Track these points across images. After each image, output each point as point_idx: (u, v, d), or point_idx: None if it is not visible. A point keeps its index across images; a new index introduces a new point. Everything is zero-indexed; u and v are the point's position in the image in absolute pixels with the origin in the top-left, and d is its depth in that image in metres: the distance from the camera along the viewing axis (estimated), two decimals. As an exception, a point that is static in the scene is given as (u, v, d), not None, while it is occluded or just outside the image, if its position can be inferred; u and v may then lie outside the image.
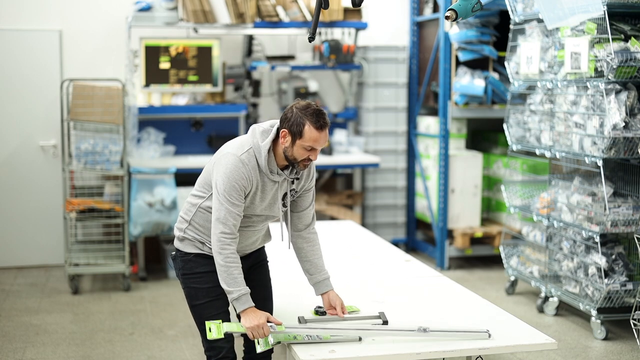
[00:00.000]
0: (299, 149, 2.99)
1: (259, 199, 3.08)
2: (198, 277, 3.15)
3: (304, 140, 2.97)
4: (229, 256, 2.98)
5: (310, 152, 3.00)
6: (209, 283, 3.12)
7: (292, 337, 2.98)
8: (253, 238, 3.22)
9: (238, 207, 3.00)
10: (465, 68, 6.52)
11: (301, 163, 3.03)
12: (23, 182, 6.62)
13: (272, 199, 3.11)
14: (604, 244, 4.89)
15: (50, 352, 4.62)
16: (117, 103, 5.93)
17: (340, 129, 7.19)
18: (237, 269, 2.99)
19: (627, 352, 4.63)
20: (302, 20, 6.59)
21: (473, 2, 3.09)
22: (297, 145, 2.98)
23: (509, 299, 5.74)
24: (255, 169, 3.02)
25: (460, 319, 3.35)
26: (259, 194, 3.07)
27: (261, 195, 3.07)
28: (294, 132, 2.97)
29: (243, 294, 2.97)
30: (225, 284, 2.98)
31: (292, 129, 2.97)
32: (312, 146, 2.98)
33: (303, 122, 2.96)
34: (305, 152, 3.00)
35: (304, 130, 2.96)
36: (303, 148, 2.99)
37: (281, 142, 3.01)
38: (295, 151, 3.00)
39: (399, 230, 7.34)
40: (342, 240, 5.02)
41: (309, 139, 2.97)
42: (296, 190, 3.20)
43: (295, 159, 3.01)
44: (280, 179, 3.08)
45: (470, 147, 7.24)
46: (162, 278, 6.31)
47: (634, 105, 4.68)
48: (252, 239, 3.22)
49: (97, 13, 6.73)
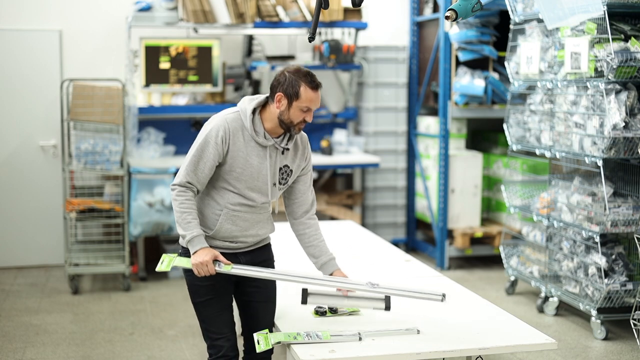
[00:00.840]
0: (296, 111, 3.01)
1: (242, 163, 3.03)
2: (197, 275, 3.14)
3: (300, 101, 3.00)
4: (183, 202, 3.02)
5: (306, 114, 3.02)
6: (209, 280, 3.10)
7: (292, 337, 2.98)
8: (251, 221, 3.13)
9: (204, 161, 3.00)
10: (465, 68, 6.52)
11: (297, 126, 3.04)
12: (23, 182, 6.62)
13: (258, 168, 3.06)
14: (604, 244, 4.90)
15: (50, 352, 4.62)
16: (117, 103, 5.93)
17: (340, 129, 7.19)
18: (191, 215, 3.01)
19: (627, 352, 4.63)
20: (302, 20, 6.59)
21: (473, 2, 3.09)
22: (294, 107, 3.01)
23: (509, 299, 5.74)
24: (239, 130, 3.03)
25: (460, 319, 3.36)
26: (242, 157, 3.03)
27: (244, 160, 3.03)
28: (289, 94, 3.00)
29: (195, 236, 3.00)
30: (181, 228, 3.02)
31: (287, 92, 3.00)
32: (309, 106, 3.01)
33: (298, 84, 2.99)
34: (301, 114, 3.02)
35: (300, 91, 2.99)
36: (299, 110, 3.01)
37: (277, 107, 3.03)
38: (292, 114, 3.01)
39: (399, 230, 7.34)
40: (342, 240, 5.01)
41: (305, 100, 3.00)
42: (290, 168, 3.15)
43: (292, 122, 3.03)
44: (267, 143, 3.05)
45: (470, 147, 7.24)
46: (162, 278, 6.31)
47: (634, 105, 4.68)
48: (249, 223, 3.13)
49: (97, 13, 6.73)
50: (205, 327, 3.17)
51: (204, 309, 3.14)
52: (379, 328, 3.15)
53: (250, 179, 3.06)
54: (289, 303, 3.49)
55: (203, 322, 3.16)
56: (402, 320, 3.26)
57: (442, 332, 3.16)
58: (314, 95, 3.01)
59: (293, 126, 3.04)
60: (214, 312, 3.13)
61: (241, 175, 3.05)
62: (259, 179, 3.08)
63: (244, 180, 3.06)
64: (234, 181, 3.06)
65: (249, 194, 3.08)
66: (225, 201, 3.08)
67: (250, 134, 3.03)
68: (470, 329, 3.20)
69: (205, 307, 3.14)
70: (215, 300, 3.13)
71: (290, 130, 3.05)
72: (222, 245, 3.14)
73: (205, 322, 3.16)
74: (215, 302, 3.13)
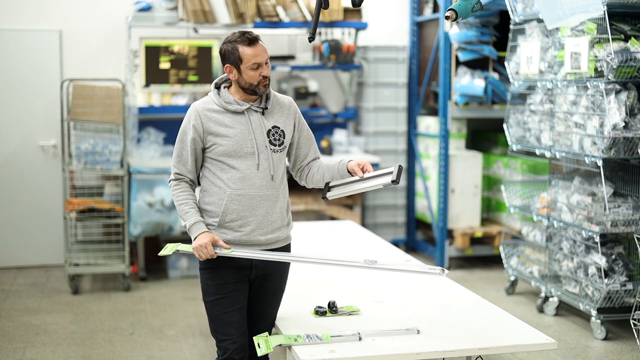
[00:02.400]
0: (247, 73, 3.04)
1: (224, 134, 3.06)
2: (208, 273, 3.13)
3: (245, 62, 3.03)
4: (179, 194, 3.11)
5: (259, 70, 3.04)
6: (218, 280, 3.10)
7: (293, 340, 2.98)
8: (257, 198, 3.08)
9: (185, 150, 3.09)
10: (465, 68, 6.52)
11: (260, 85, 3.06)
12: (23, 182, 6.62)
13: (243, 133, 3.07)
14: (604, 244, 4.90)
15: (50, 352, 4.62)
16: (117, 103, 5.93)
17: (340, 129, 7.19)
18: (187, 205, 3.09)
19: (627, 352, 4.63)
20: (302, 20, 6.59)
21: (473, 2, 3.09)
22: (243, 70, 3.04)
23: (509, 299, 5.74)
24: (210, 110, 3.09)
25: (460, 319, 3.36)
26: (222, 129, 3.06)
27: (225, 130, 3.06)
28: (233, 61, 3.05)
29: (194, 223, 3.05)
30: (182, 219, 3.11)
31: (230, 60, 3.05)
32: (256, 62, 3.02)
33: (235, 47, 3.04)
34: (255, 73, 3.04)
35: (239, 53, 3.03)
36: (250, 69, 3.03)
37: (232, 78, 3.08)
38: (246, 77, 3.05)
39: (399, 230, 7.34)
40: (342, 240, 5.02)
41: (248, 58, 3.02)
42: (280, 129, 3.14)
43: (252, 84, 3.06)
44: (242, 107, 3.08)
45: (470, 147, 7.24)
46: (162, 278, 6.31)
47: (634, 105, 4.68)
48: (256, 200, 3.08)
49: (97, 13, 6.73)
50: (212, 327, 3.16)
51: (212, 308, 3.13)
52: (379, 328, 3.15)
53: (238, 146, 3.07)
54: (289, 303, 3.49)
55: (211, 322, 3.16)
56: (402, 320, 3.26)
57: (442, 332, 3.16)
58: (253, 50, 3.03)
59: (255, 87, 3.06)
60: (222, 312, 3.11)
61: (229, 147, 3.06)
62: (247, 144, 3.08)
63: (233, 151, 3.06)
64: (225, 158, 3.07)
65: (243, 166, 3.07)
66: (226, 183, 3.08)
67: (221, 105, 3.08)
68: (470, 329, 3.21)
69: (214, 306, 3.12)
70: (224, 300, 3.10)
71: (257, 92, 3.08)
72: (235, 239, 3.09)
73: (213, 322, 3.15)
74: (224, 302, 3.10)
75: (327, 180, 3.23)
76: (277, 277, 3.22)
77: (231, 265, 3.10)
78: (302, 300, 3.53)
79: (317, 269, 4.22)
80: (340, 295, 3.56)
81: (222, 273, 3.10)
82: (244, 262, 3.11)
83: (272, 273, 3.19)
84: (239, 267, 3.11)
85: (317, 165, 3.28)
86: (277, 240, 3.17)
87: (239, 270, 3.11)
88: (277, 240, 3.18)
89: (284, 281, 3.28)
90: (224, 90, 3.12)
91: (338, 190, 3.18)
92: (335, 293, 3.62)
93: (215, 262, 3.09)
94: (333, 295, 3.55)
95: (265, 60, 3.06)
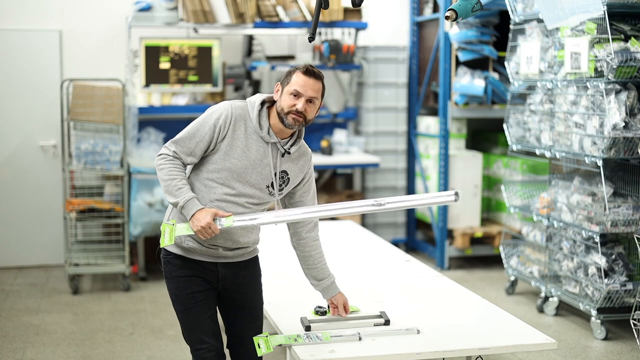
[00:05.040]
0: (286, 97, 2.93)
1: (239, 153, 2.94)
2: (176, 282, 3.07)
3: (290, 85, 2.94)
4: (171, 169, 2.91)
5: (296, 100, 2.92)
6: (187, 289, 3.04)
7: (293, 340, 2.98)
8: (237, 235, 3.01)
9: (196, 139, 2.94)
10: (465, 68, 6.52)
11: (290, 115, 2.93)
12: (23, 182, 6.62)
13: (254, 163, 2.96)
14: (604, 244, 4.90)
15: (50, 352, 4.62)
16: (117, 103, 5.93)
17: (340, 129, 7.19)
18: (180, 181, 2.90)
19: (627, 352, 4.63)
20: (302, 20, 6.59)
21: (473, 2, 3.09)
22: (284, 93, 2.95)
23: (509, 299, 5.74)
24: (242, 120, 2.97)
25: (460, 318, 3.36)
26: (240, 147, 2.94)
27: (242, 150, 2.95)
28: (283, 81, 2.98)
29: (188, 200, 2.87)
30: (172, 196, 2.89)
31: (283, 79, 2.99)
32: (297, 90, 2.92)
33: (293, 71, 2.97)
34: (291, 99, 2.92)
35: (292, 77, 2.95)
36: (290, 94, 2.93)
37: (275, 97, 2.99)
38: (282, 100, 2.94)
39: (399, 230, 7.34)
40: (342, 240, 5.02)
41: (294, 83, 2.92)
42: (288, 176, 3.04)
43: (283, 110, 2.93)
44: (270, 140, 2.97)
45: (470, 147, 7.24)
46: (162, 278, 6.26)
47: (634, 105, 4.68)
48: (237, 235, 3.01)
49: (97, 13, 6.73)
50: (186, 335, 3.10)
51: (184, 318, 3.07)
52: (379, 328, 3.15)
53: (245, 171, 2.95)
54: (289, 303, 3.49)
55: (184, 330, 3.10)
56: (402, 320, 3.26)
57: (442, 332, 3.16)
58: (303, 78, 2.93)
59: (285, 114, 2.94)
60: (194, 320, 3.05)
61: (236, 166, 2.94)
62: (254, 173, 2.97)
63: (238, 172, 2.95)
64: (227, 173, 2.95)
65: (240, 188, 2.97)
66: (210, 196, 2.97)
67: (254, 125, 2.96)
68: (470, 329, 3.20)
69: (186, 315, 3.06)
70: (195, 309, 3.05)
71: (284, 121, 2.94)
72: (199, 249, 3.02)
73: (186, 331, 3.09)
74: (195, 311, 3.05)
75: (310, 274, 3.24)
76: (249, 289, 3.15)
77: (199, 275, 3.05)
78: (302, 300, 3.52)
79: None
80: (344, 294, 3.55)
81: (191, 282, 3.05)
82: (211, 273, 3.05)
83: (242, 284, 3.12)
84: (206, 277, 3.06)
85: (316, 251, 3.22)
86: (244, 253, 3.12)
87: (206, 279, 3.07)
88: (243, 254, 3.12)
89: (259, 293, 3.20)
90: (264, 114, 2.99)
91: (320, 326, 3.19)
92: (335, 293, 3.62)
93: (182, 271, 3.04)
94: (333, 295, 3.54)
95: (309, 97, 2.93)
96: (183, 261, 3.06)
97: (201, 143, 2.95)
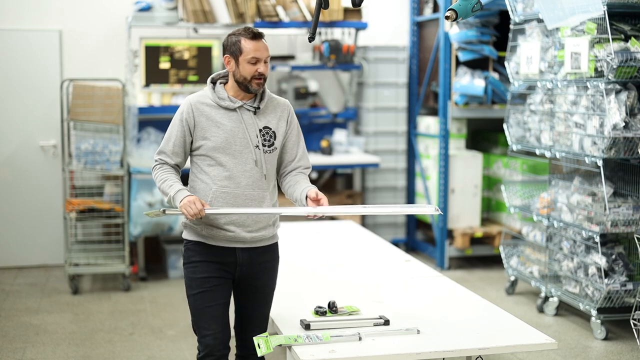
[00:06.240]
0: (244, 66, 3.05)
1: (214, 130, 3.06)
2: (193, 267, 3.13)
3: (244, 54, 3.04)
4: (161, 173, 3.11)
5: (256, 65, 3.05)
6: (203, 273, 3.10)
7: (293, 340, 2.98)
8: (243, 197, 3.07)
9: (172, 139, 3.11)
10: (465, 68, 6.52)
11: (253, 81, 3.06)
12: (23, 182, 6.62)
13: (233, 132, 3.07)
14: (604, 244, 4.90)
15: (50, 352, 4.62)
16: (117, 103, 5.93)
17: (340, 129, 7.19)
18: (170, 180, 3.08)
19: (627, 352, 4.63)
20: (302, 20, 6.59)
21: (473, 2, 3.09)
22: (241, 63, 3.05)
23: (509, 299, 5.74)
24: (203, 103, 3.10)
25: (460, 319, 3.36)
26: (212, 124, 3.07)
27: (216, 127, 3.07)
28: (233, 52, 3.07)
29: (178, 190, 3.03)
30: (165, 193, 3.07)
31: (231, 50, 3.07)
32: (255, 56, 3.04)
33: (238, 39, 3.07)
34: (251, 67, 3.05)
35: (241, 45, 3.05)
36: (247, 63, 3.04)
37: (229, 70, 3.10)
38: (242, 70, 3.06)
39: (399, 230, 7.34)
40: (342, 240, 5.02)
41: (248, 51, 3.04)
42: (272, 130, 3.13)
43: (246, 78, 3.06)
44: (235, 105, 3.08)
45: (470, 147, 7.24)
46: (162, 278, 6.31)
47: (634, 105, 4.68)
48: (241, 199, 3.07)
49: (97, 13, 6.73)
50: (194, 321, 3.15)
51: (195, 302, 3.13)
52: (379, 328, 3.15)
53: (227, 143, 3.07)
54: (289, 303, 3.49)
55: (193, 316, 3.15)
56: (402, 320, 3.26)
57: (442, 332, 3.16)
58: (254, 44, 3.04)
59: (248, 82, 3.06)
60: (205, 305, 3.10)
61: (218, 142, 3.06)
62: (236, 142, 3.07)
63: (223, 147, 3.06)
64: (214, 153, 3.07)
65: (231, 164, 3.06)
66: (212, 179, 3.08)
67: (215, 100, 3.09)
68: (470, 329, 3.20)
69: (197, 300, 3.12)
70: (208, 293, 3.10)
71: (249, 89, 3.07)
72: (220, 236, 3.09)
73: (195, 316, 3.14)
74: (207, 296, 3.10)
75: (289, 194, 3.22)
76: (264, 275, 3.20)
77: (216, 261, 3.11)
78: (302, 300, 3.53)
79: (317, 269, 4.22)
80: (340, 295, 3.56)
81: (207, 267, 3.10)
82: (229, 259, 3.11)
83: (258, 270, 3.18)
84: (224, 262, 3.12)
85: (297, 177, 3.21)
86: (263, 238, 3.16)
87: (223, 265, 3.12)
88: (263, 239, 3.16)
89: (273, 279, 3.26)
90: (219, 86, 3.13)
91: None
92: (335, 293, 3.62)
93: (200, 256, 3.11)
94: (333, 295, 3.55)
95: (265, 58, 3.06)
96: (201, 247, 3.13)
97: (177, 141, 3.12)
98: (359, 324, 3.19)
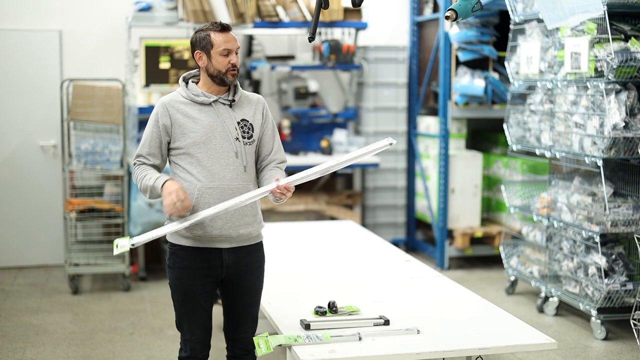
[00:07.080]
0: (217, 59, 3.07)
1: (192, 127, 3.06)
2: (178, 273, 3.12)
3: (215, 47, 3.07)
4: (141, 172, 3.11)
5: (228, 57, 3.08)
6: (187, 282, 3.11)
7: (293, 340, 2.98)
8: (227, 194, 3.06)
9: (149, 140, 3.10)
10: (465, 68, 6.52)
11: (228, 73, 3.09)
12: (23, 182, 6.62)
13: (211, 127, 3.07)
14: (604, 244, 4.90)
15: (50, 352, 4.62)
16: (117, 103, 5.93)
17: (340, 129, 7.19)
18: (149, 176, 3.07)
19: (627, 352, 4.63)
20: (302, 20, 6.59)
21: (473, 2, 3.09)
22: (213, 56, 3.08)
23: (509, 299, 5.74)
24: (177, 102, 3.11)
25: (460, 319, 3.36)
26: (189, 123, 3.07)
27: (194, 123, 3.07)
28: (204, 47, 3.09)
29: (158, 177, 3.05)
30: (146, 189, 3.09)
31: (201, 46, 3.10)
32: (226, 48, 3.07)
33: (207, 34, 3.09)
34: (224, 59, 3.08)
35: (211, 39, 3.08)
36: (220, 55, 3.07)
37: (201, 65, 3.11)
38: (215, 63, 3.08)
39: (399, 230, 7.34)
40: (342, 240, 5.02)
41: (219, 44, 3.07)
42: (250, 122, 3.13)
43: (220, 71, 3.08)
44: (210, 99, 3.09)
45: (470, 147, 7.24)
46: (162, 278, 6.31)
47: (634, 105, 4.68)
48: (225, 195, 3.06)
49: (97, 13, 6.73)
50: (179, 324, 3.18)
51: (180, 307, 3.15)
52: (379, 328, 3.15)
53: (207, 137, 3.06)
54: (289, 303, 3.49)
55: (178, 319, 3.18)
56: (402, 320, 3.26)
57: (442, 332, 3.16)
58: (224, 36, 3.07)
59: (224, 74, 3.08)
60: (189, 312, 3.13)
61: (197, 138, 3.06)
62: (215, 136, 3.07)
63: (202, 142, 3.06)
64: (194, 149, 3.06)
65: (212, 160, 3.05)
66: (196, 177, 3.06)
67: (189, 97, 3.10)
68: (470, 329, 3.21)
69: (182, 306, 3.14)
70: (193, 301, 3.12)
71: (225, 81, 3.09)
72: (206, 235, 3.06)
73: (180, 319, 3.17)
74: (192, 303, 3.12)
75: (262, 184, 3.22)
76: (251, 276, 3.19)
77: (202, 266, 3.10)
78: (302, 300, 3.53)
79: (317, 269, 4.22)
80: (340, 295, 3.56)
81: (192, 274, 3.10)
82: (215, 262, 3.10)
83: (245, 272, 3.17)
84: (209, 267, 3.11)
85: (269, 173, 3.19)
86: (249, 236, 3.15)
87: (209, 270, 3.11)
88: (249, 237, 3.16)
89: (260, 279, 3.25)
90: (192, 84, 3.15)
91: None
92: (335, 293, 3.63)
93: (185, 261, 3.09)
94: (333, 295, 3.55)
95: (236, 50, 3.10)
96: (188, 252, 3.11)
97: (154, 142, 3.11)
98: (359, 324, 3.19)
